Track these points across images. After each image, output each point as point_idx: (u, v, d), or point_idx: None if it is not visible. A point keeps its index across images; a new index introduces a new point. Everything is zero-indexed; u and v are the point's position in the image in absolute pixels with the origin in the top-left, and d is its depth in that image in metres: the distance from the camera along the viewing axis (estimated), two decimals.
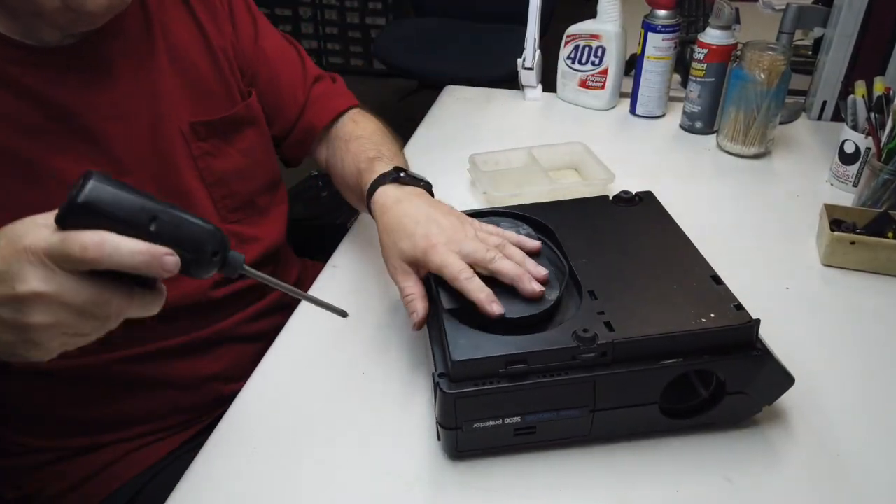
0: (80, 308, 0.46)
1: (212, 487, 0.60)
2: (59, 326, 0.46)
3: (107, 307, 0.47)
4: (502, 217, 0.75)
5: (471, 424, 0.58)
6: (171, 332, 0.77)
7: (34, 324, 0.46)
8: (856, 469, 0.61)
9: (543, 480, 0.60)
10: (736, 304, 0.60)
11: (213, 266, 0.49)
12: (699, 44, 1.13)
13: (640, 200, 0.78)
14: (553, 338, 0.58)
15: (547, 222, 0.74)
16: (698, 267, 0.66)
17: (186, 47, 0.77)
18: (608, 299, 0.63)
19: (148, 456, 0.78)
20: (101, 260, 0.44)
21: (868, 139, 0.96)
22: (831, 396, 0.68)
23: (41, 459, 0.77)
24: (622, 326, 0.59)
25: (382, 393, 0.69)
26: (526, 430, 0.60)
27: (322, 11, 3.29)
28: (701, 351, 0.58)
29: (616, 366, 0.58)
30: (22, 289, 0.45)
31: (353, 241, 0.93)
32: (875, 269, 0.84)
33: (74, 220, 0.45)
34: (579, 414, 0.59)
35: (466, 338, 0.60)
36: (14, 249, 0.45)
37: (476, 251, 0.64)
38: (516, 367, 0.57)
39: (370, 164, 0.79)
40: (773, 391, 0.62)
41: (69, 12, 0.62)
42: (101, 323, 0.48)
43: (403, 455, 0.63)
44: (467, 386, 0.56)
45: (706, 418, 0.62)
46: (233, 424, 0.66)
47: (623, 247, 0.71)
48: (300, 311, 0.80)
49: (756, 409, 0.62)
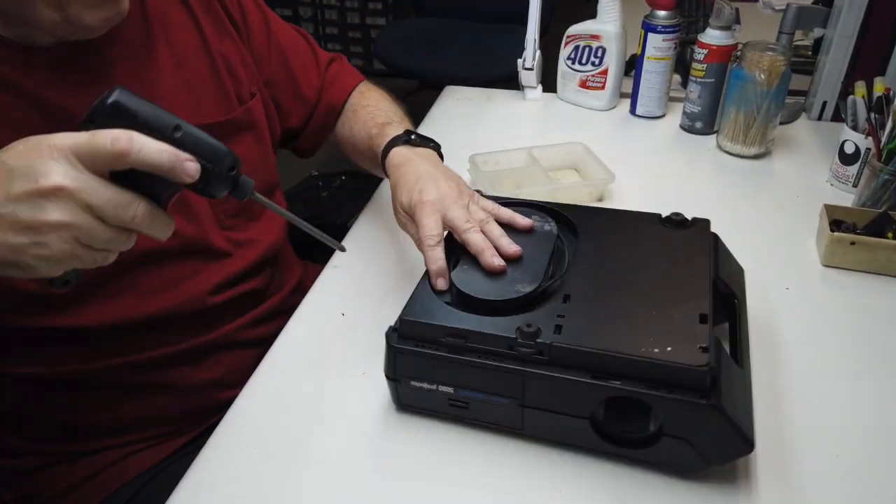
0: (100, 209, 0.46)
1: (210, 489, 0.60)
2: (74, 228, 0.46)
3: (126, 210, 0.47)
4: (534, 209, 0.74)
5: (409, 381, 0.63)
6: (171, 340, 0.77)
7: (52, 221, 0.45)
8: (855, 470, 0.60)
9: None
10: (703, 346, 0.55)
11: (228, 183, 0.51)
12: (699, 44, 1.13)
13: (690, 225, 0.72)
14: (499, 324, 0.60)
15: (578, 225, 0.73)
16: (694, 301, 0.61)
17: (187, 51, 0.77)
18: (578, 306, 0.62)
19: (146, 459, 0.78)
20: (130, 153, 0.45)
21: (868, 139, 0.96)
22: (830, 397, 0.67)
23: (40, 462, 0.77)
24: (571, 333, 0.58)
25: (382, 394, 0.69)
26: (460, 403, 0.62)
27: (322, 11, 3.29)
28: (641, 380, 0.55)
29: (551, 368, 0.57)
30: (45, 182, 0.44)
31: (352, 240, 0.93)
32: (875, 269, 0.84)
33: (102, 121, 0.46)
34: (509, 404, 0.60)
35: (427, 302, 0.64)
36: (37, 148, 0.45)
37: (456, 218, 0.68)
38: (454, 341, 0.60)
39: (381, 129, 0.84)
40: (723, 452, 0.56)
41: (68, 25, 0.62)
42: (114, 235, 0.48)
43: (403, 457, 0.62)
44: (410, 344, 0.61)
45: (644, 455, 0.58)
46: (231, 427, 0.66)
47: (635, 264, 0.67)
48: (299, 314, 0.80)
49: (700, 465, 0.57)
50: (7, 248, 0.46)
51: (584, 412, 0.58)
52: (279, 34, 0.91)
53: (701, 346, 0.55)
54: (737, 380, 0.59)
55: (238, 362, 0.81)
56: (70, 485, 0.76)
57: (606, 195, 1.01)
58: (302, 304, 0.82)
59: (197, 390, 0.80)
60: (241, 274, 0.83)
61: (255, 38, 0.87)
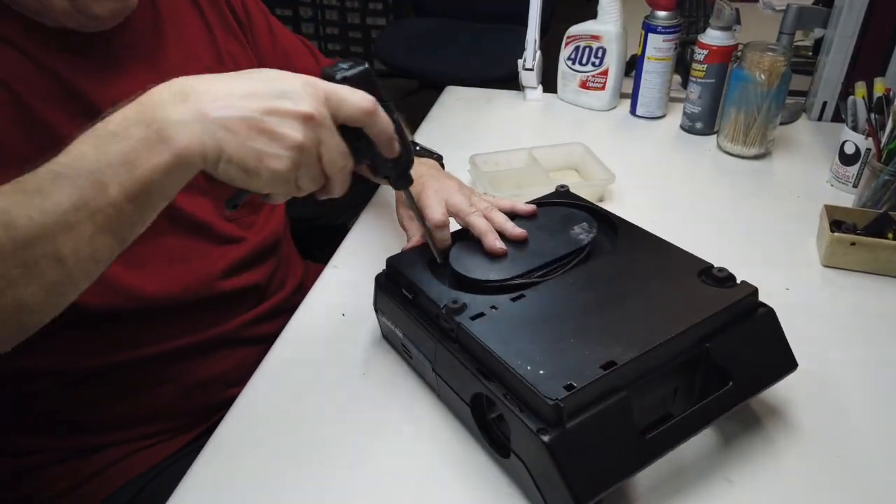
0: (327, 149, 0.53)
1: (213, 487, 0.60)
2: (304, 152, 0.52)
3: (341, 159, 0.54)
4: (589, 215, 0.74)
5: (381, 313, 0.72)
6: (175, 333, 0.77)
7: (296, 141, 0.51)
8: (857, 470, 0.60)
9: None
10: (572, 384, 0.51)
11: (401, 172, 0.63)
12: (699, 44, 1.13)
13: (730, 286, 0.62)
14: (443, 293, 0.64)
15: (617, 241, 0.71)
16: (621, 350, 0.55)
17: (195, 46, 0.78)
18: (518, 308, 0.62)
19: (149, 457, 0.78)
20: (372, 114, 0.54)
21: (868, 140, 0.96)
22: (831, 398, 0.68)
23: (41, 460, 0.77)
24: (484, 324, 0.60)
25: (384, 393, 0.69)
26: (405, 350, 0.70)
27: (322, 11, 3.29)
28: (505, 387, 0.55)
29: (453, 346, 0.61)
30: (303, 107, 0.51)
31: (353, 241, 0.93)
32: (875, 269, 0.84)
33: (354, 81, 0.55)
34: (427, 366, 0.66)
35: (415, 258, 0.71)
36: (302, 79, 0.53)
37: (460, 203, 0.73)
38: (408, 294, 0.67)
39: None
40: (554, 497, 0.52)
41: (77, 14, 0.63)
42: (318, 175, 0.54)
43: (405, 456, 0.63)
44: (388, 285, 0.70)
45: (504, 464, 0.59)
46: (235, 425, 0.66)
47: (621, 298, 0.62)
48: (301, 313, 0.80)
49: (540, 501, 0.54)
50: (252, 151, 0.51)
51: (465, 398, 0.61)
52: (282, 38, 0.92)
53: (569, 384, 0.51)
54: (621, 445, 0.53)
55: (242, 360, 0.81)
56: (71, 484, 0.76)
57: (607, 196, 1.01)
58: (303, 303, 0.82)
59: (203, 386, 0.80)
60: (245, 260, 0.83)
61: (259, 39, 0.88)
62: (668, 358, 0.57)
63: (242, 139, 0.50)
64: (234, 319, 0.83)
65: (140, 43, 0.73)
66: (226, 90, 0.51)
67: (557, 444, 0.50)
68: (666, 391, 0.60)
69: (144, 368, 0.77)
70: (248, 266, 0.84)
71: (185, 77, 0.52)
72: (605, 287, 0.64)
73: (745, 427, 0.64)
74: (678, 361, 0.58)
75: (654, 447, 0.54)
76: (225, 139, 0.50)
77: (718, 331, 0.60)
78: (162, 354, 0.77)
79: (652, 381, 0.56)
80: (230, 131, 0.50)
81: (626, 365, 0.54)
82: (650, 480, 0.59)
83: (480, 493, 0.59)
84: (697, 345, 0.59)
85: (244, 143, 0.50)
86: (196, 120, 0.49)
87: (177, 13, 0.78)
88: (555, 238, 0.71)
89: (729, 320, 0.60)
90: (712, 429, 0.63)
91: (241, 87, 0.51)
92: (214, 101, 0.50)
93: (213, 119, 0.49)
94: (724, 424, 0.63)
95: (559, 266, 0.68)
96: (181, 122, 0.49)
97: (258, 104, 0.50)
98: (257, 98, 0.51)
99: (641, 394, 0.55)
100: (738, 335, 0.60)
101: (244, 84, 0.52)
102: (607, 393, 0.53)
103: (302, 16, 3.30)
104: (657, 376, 0.57)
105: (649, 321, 0.59)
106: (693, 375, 0.60)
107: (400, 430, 0.65)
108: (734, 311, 0.61)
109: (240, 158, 0.50)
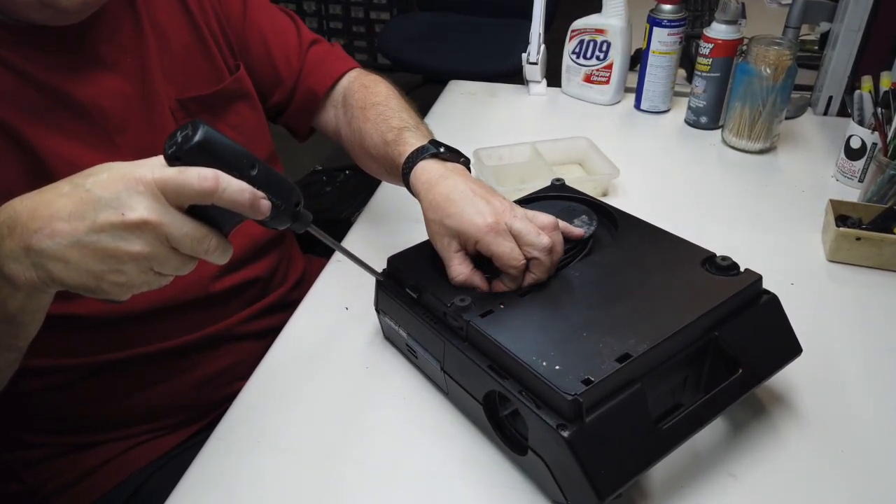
0: (178, 242, 0.49)
1: (214, 483, 0.61)
2: (152, 259, 0.49)
3: (201, 244, 0.50)
4: (587, 208, 0.74)
5: (383, 314, 0.71)
6: (173, 331, 0.77)
7: (133, 252, 0.47)
8: (862, 465, 0.60)
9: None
10: (590, 378, 0.51)
11: (290, 218, 0.55)
12: (705, 38, 1.12)
13: (735, 275, 0.62)
14: (448, 291, 0.63)
15: (617, 232, 0.71)
16: (635, 342, 0.55)
17: (171, 25, 0.77)
18: (526, 303, 0.61)
19: (150, 451, 0.78)
20: (215, 191, 0.48)
21: (874, 134, 0.96)
22: (836, 393, 0.67)
23: (43, 454, 0.77)
24: (494, 322, 0.59)
25: (386, 388, 0.69)
26: (410, 350, 0.68)
27: (326, 6, 3.28)
28: (523, 385, 0.54)
29: (463, 344, 0.60)
30: (131, 216, 0.47)
31: (356, 235, 0.93)
32: (881, 264, 0.83)
33: (189, 159, 0.48)
34: (435, 366, 0.64)
35: (418, 255, 0.70)
36: (124, 179, 0.47)
37: (527, 233, 0.63)
38: (413, 293, 0.66)
39: (398, 135, 0.77)
40: (576, 495, 0.53)
41: (44, 8, 0.62)
42: (183, 263, 0.51)
43: (407, 449, 0.63)
44: (391, 285, 0.69)
45: (520, 462, 0.59)
46: (236, 418, 0.67)
47: (628, 290, 0.62)
48: (304, 307, 0.80)
49: (560, 497, 0.54)
50: (88, 275, 0.48)
51: (478, 395, 0.59)
52: (257, 10, 0.87)
53: (587, 379, 0.51)
54: (638, 437, 0.53)
55: (242, 355, 0.81)
56: (75, 476, 0.76)
57: (611, 190, 1.01)
58: (306, 297, 0.82)
59: (207, 381, 0.80)
60: (247, 255, 0.83)
61: (231, 11, 0.84)
62: (680, 348, 0.57)
63: (74, 265, 0.48)
64: (235, 315, 0.82)
65: (118, 34, 0.72)
66: (50, 212, 0.48)
67: (578, 440, 0.50)
68: (676, 381, 0.60)
69: (150, 365, 0.77)
70: (249, 260, 0.84)
71: (11, 202, 0.50)
72: (611, 279, 0.64)
73: (753, 415, 0.64)
74: (689, 351, 0.58)
75: (670, 438, 0.54)
76: (55, 269, 0.48)
77: (726, 319, 0.60)
78: (167, 351, 0.77)
79: (664, 371, 0.56)
80: (59, 260, 0.48)
81: (640, 357, 0.54)
82: (662, 473, 0.59)
83: (486, 489, 0.59)
84: (707, 333, 0.59)
85: (77, 268, 0.48)
86: (24, 254, 0.48)
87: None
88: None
89: (736, 308, 0.61)
90: (721, 418, 0.63)
91: (65, 206, 0.48)
92: (39, 231, 0.47)
93: (38, 252, 0.48)
94: (732, 413, 0.63)
95: (563, 260, 0.68)
96: (11, 257, 0.48)
97: (84, 224, 0.47)
98: (80, 218, 0.47)
99: (654, 385, 0.55)
100: (744, 322, 0.60)
101: (67, 202, 0.48)
102: (623, 386, 0.53)
103: (306, 10, 3.30)
104: (669, 367, 0.57)
105: (659, 312, 0.59)
106: (702, 364, 0.60)
107: (403, 425, 0.65)
108: (741, 299, 0.61)
109: (75, 283, 0.49)
